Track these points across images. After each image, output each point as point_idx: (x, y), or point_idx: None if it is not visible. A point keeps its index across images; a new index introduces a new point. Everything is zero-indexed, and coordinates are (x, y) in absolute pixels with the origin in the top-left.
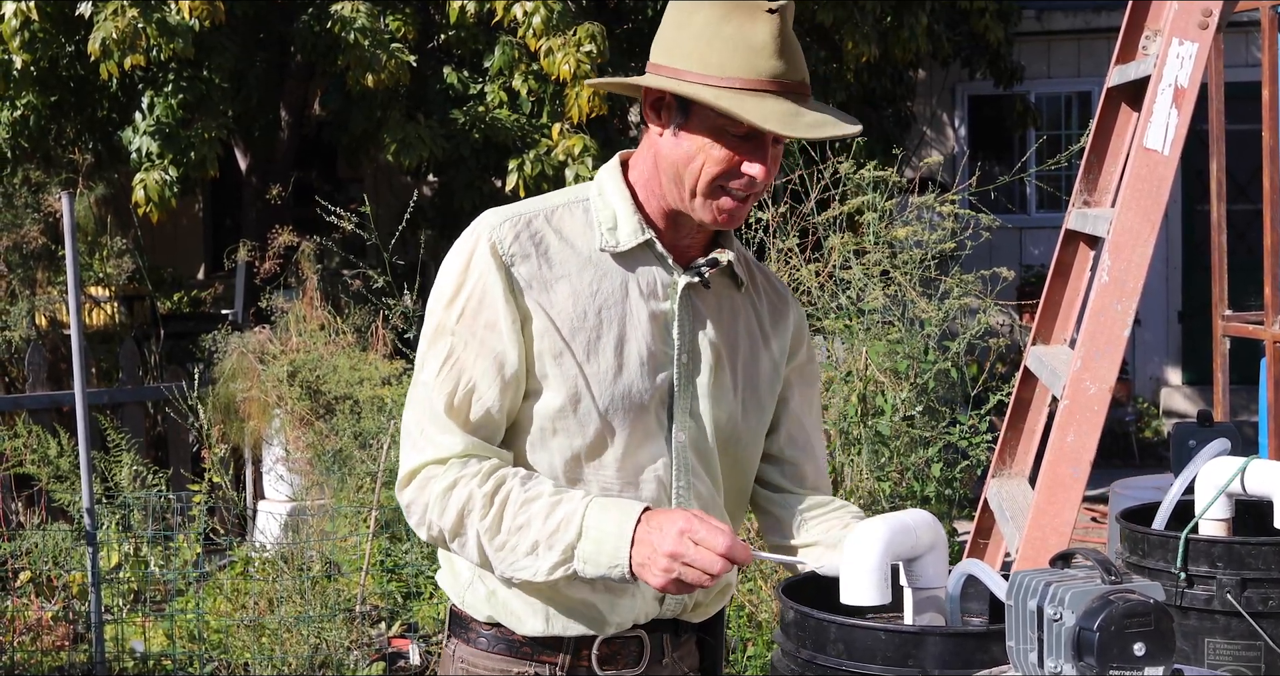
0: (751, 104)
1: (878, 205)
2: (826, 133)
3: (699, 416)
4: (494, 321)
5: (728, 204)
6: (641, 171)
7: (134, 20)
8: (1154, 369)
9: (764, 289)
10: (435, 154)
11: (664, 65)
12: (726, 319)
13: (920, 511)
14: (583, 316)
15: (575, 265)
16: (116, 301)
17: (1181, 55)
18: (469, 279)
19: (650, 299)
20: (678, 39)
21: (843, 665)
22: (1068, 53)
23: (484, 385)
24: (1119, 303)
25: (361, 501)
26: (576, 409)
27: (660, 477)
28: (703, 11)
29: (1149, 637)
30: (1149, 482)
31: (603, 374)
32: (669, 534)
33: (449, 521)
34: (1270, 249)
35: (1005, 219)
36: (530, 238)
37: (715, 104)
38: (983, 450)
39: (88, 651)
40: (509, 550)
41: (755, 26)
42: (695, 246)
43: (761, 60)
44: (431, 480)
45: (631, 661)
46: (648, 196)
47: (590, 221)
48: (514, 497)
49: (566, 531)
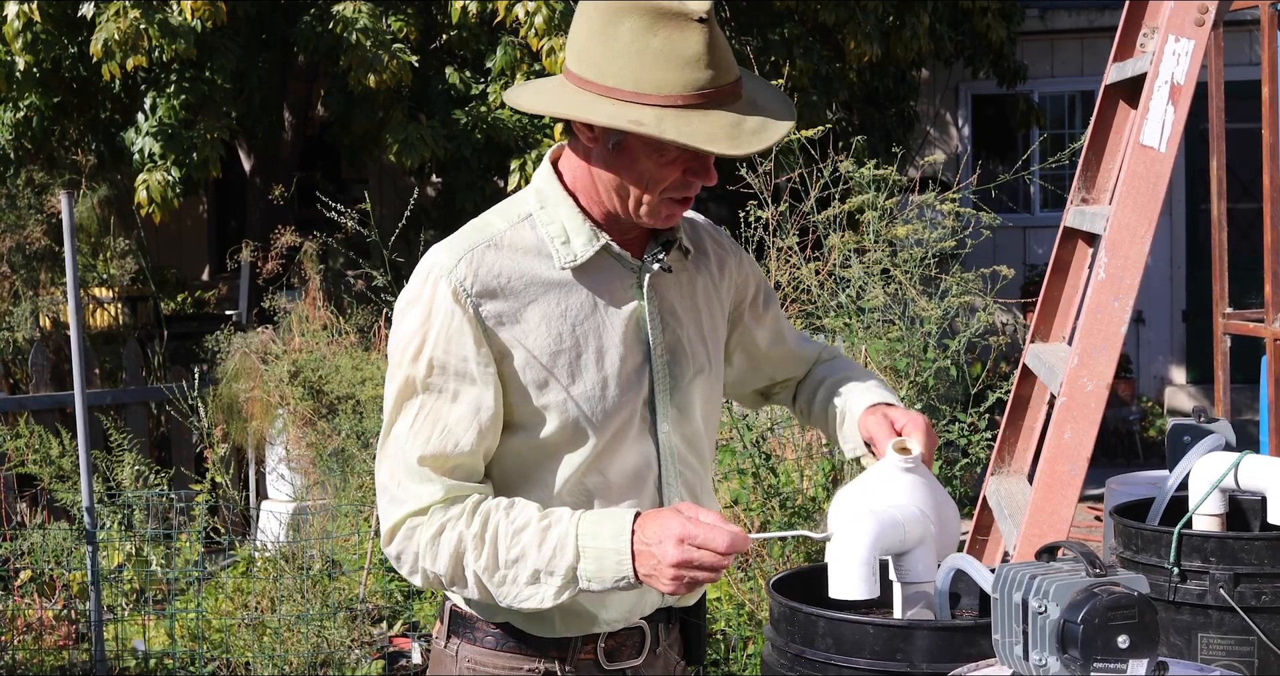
0: (696, 122)
1: (878, 204)
2: (770, 139)
3: (681, 403)
4: (464, 370)
5: (671, 209)
6: (577, 177)
7: (136, 21)
8: (1158, 368)
9: (708, 247)
10: (437, 154)
11: (593, 81)
12: (688, 294)
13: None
14: (559, 339)
15: (539, 288)
16: (120, 302)
17: (1178, 52)
18: (433, 328)
19: (618, 301)
20: (605, 53)
21: (831, 659)
22: (1071, 52)
23: (459, 431)
24: (1116, 299)
25: (363, 500)
26: (573, 432)
27: (653, 473)
28: (627, 23)
29: (1133, 630)
30: (1145, 478)
31: (590, 391)
32: (668, 545)
33: (443, 567)
34: (1270, 246)
35: (1009, 218)
36: (489, 271)
37: (660, 136)
38: (982, 448)
39: (89, 650)
40: (510, 583)
41: (685, 38)
42: (641, 234)
43: (697, 73)
44: (417, 529)
45: (634, 652)
46: (589, 202)
47: (540, 238)
48: (503, 531)
49: (563, 555)
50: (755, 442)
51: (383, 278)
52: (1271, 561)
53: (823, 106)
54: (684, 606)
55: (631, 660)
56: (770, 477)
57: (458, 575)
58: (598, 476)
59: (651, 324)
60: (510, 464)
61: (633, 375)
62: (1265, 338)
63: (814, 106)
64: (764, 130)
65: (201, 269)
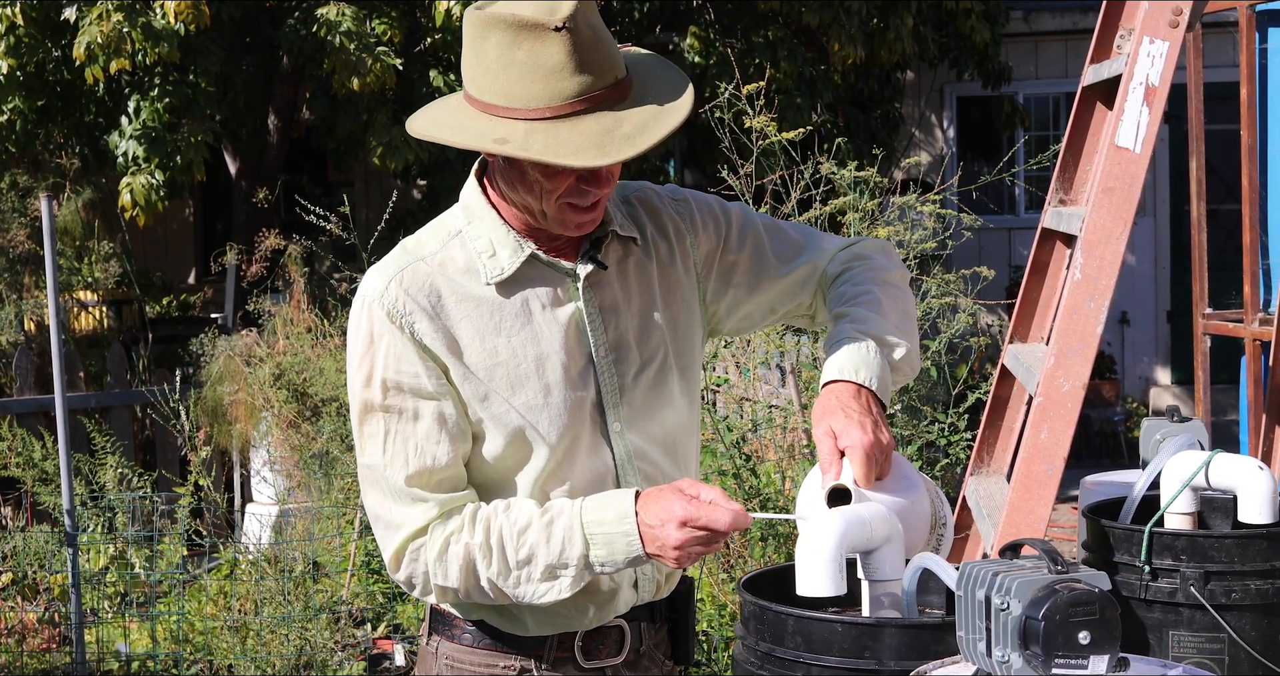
0: (564, 134)
1: (860, 205)
2: (648, 141)
3: (634, 401)
4: (417, 385)
5: (578, 217)
6: (498, 190)
7: (119, 24)
8: (1143, 369)
9: (649, 223)
10: (421, 157)
11: (475, 98)
12: (636, 285)
13: (876, 505)
14: (493, 352)
15: (471, 304)
16: (105, 305)
17: (1152, 54)
18: (377, 352)
19: (554, 307)
20: (478, 70)
21: (800, 657)
22: (1055, 53)
23: (432, 446)
24: (1092, 300)
25: (346, 502)
26: (522, 443)
27: (611, 472)
28: (493, 38)
29: (1094, 626)
30: (1119, 478)
31: (532, 400)
32: (671, 528)
33: (455, 580)
34: (1249, 247)
35: (993, 220)
36: (419, 290)
37: (525, 155)
38: (962, 449)
39: (71, 653)
40: (526, 582)
41: (546, 48)
42: (573, 239)
43: (562, 82)
44: (421, 550)
45: (613, 651)
46: (509, 215)
47: (470, 254)
48: (507, 534)
49: (573, 545)
50: (736, 444)
51: None
52: (1241, 559)
53: (807, 108)
54: (668, 603)
55: (611, 658)
56: (751, 479)
57: (472, 586)
58: (559, 484)
59: (591, 325)
60: (474, 478)
61: (576, 379)
62: (1244, 338)
63: (798, 108)
64: (643, 131)
65: (186, 272)
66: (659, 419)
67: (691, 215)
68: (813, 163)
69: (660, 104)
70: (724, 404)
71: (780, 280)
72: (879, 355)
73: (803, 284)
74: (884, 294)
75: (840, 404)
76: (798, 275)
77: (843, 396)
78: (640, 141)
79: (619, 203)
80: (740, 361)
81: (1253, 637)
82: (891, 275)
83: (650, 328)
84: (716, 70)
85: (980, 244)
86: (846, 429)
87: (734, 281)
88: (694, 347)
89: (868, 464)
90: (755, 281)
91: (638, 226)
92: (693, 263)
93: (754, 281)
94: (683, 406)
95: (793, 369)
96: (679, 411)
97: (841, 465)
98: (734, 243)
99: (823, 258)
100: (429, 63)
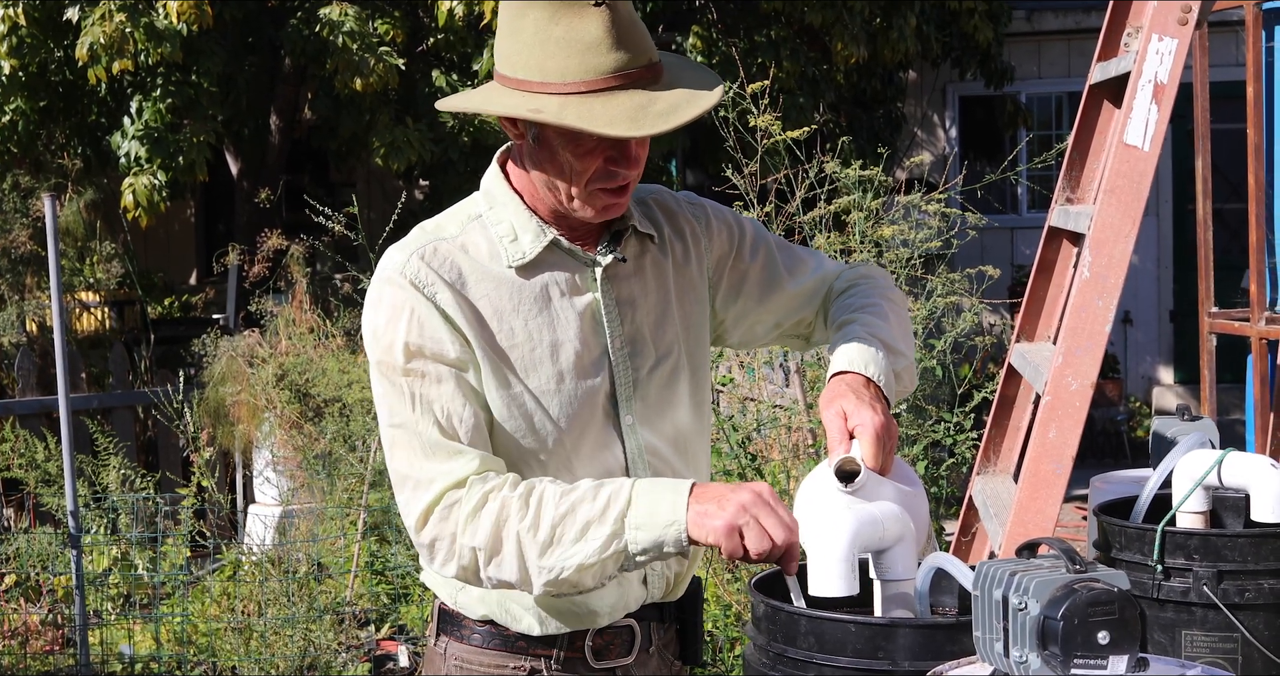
0: (598, 107)
1: (864, 205)
2: (681, 118)
3: (647, 395)
4: (440, 351)
5: (606, 200)
6: (519, 176)
7: (122, 25)
8: (1146, 368)
9: (667, 225)
10: (424, 157)
11: (508, 76)
12: (652, 282)
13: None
14: (510, 334)
15: (490, 285)
16: (107, 306)
17: (1161, 51)
18: (400, 319)
19: (572, 295)
20: (514, 47)
21: (813, 658)
22: (1058, 53)
23: (459, 407)
24: (1100, 298)
25: (349, 503)
26: (532, 426)
27: (620, 466)
28: (530, 16)
29: (1113, 626)
30: (1129, 476)
31: (545, 385)
32: (743, 491)
33: (483, 539)
34: (1255, 246)
35: (996, 219)
36: (441, 265)
37: (560, 122)
38: (968, 448)
39: (75, 655)
40: (555, 543)
41: (585, 24)
42: (595, 229)
43: (599, 57)
44: (455, 506)
45: (624, 651)
46: (533, 200)
47: (490, 238)
48: (551, 493)
49: (616, 503)
50: (741, 443)
51: (369, 280)
52: (1255, 558)
53: (810, 108)
54: (677, 604)
55: (621, 658)
56: (756, 478)
57: (495, 545)
58: (568, 474)
59: (608, 316)
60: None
61: (590, 369)
62: (1250, 337)
63: (801, 108)
64: (675, 110)
65: (188, 273)
66: (670, 416)
67: (707, 219)
68: (817, 162)
69: (693, 89)
70: (728, 403)
71: (789, 293)
72: (886, 358)
73: (809, 298)
74: (889, 309)
75: (851, 389)
76: (806, 289)
77: (853, 384)
78: (674, 118)
79: (635, 203)
80: (745, 361)
81: (1266, 637)
82: (894, 295)
83: (666, 324)
84: (719, 70)
85: (983, 243)
86: (858, 409)
87: (744, 290)
88: (705, 348)
89: (878, 443)
90: (765, 292)
91: (655, 226)
92: (706, 267)
93: (764, 292)
94: (694, 405)
95: (797, 368)
96: (690, 410)
97: (850, 446)
98: (747, 252)
99: (830, 274)
100: (431, 63)
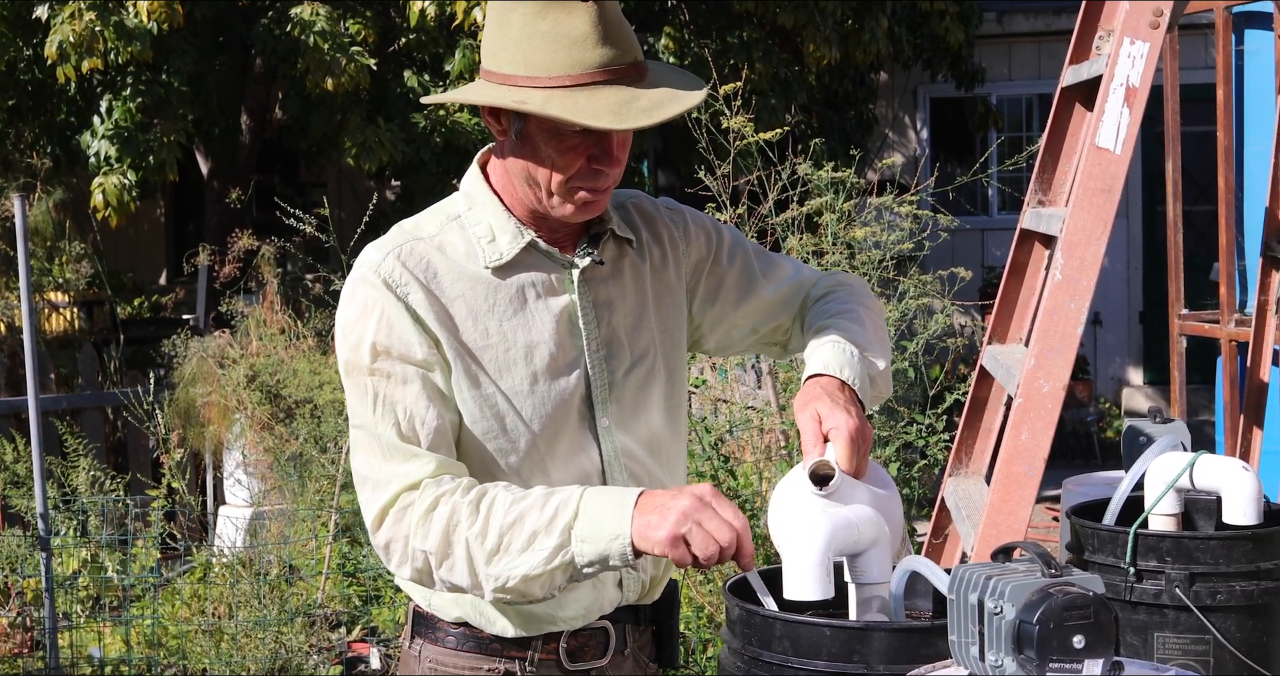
0: (583, 101)
1: (837, 206)
2: (664, 114)
3: (623, 398)
4: (407, 352)
5: (585, 197)
6: (499, 176)
7: (91, 23)
8: (1116, 369)
9: (645, 229)
10: (395, 158)
11: (494, 71)
12: (630, 285)
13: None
14: (485, 334)
15: (467, 285)
16: (76, 306)
17: (1133, 55)
18: (370, 318)
19: (549, 297)
20: (501, 42)
21: (788, 661)
22: (1028, 55)
23: (421, 409)
24: (1072, 301)
25: (321, 505)
26: (505, 427)
27: (596, 469)
28: (518, 11)
29: (1088, 630)
30: (1101, 479)
31: (518, 386)
32: (683, 497)
33: (433, 543)
34: (1225, 249)
35: (967, 220)
36: (417, 264)
37: (544, 112)
38: (940, 450)
39: (44, 658)
40: (502, 551)
41: (572, 19)
42: (573, 231)
43: (585, 52)
44: (409, 508)
45: (598, 653)
46: (512, 201)
47: (468, 238)
48: (501, 500)
49: (563, 514)
50: (714, 445)
51: (340, 281)
52: (1226, 560)
53: (781, 109)
54: (653, 606)
55: (596, 660)
56: (729, 480)
57: (445, 550)
58: (542, 477)
59: (585, 318)
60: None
61: (564, 370)
62: (1221, 339)
63: (773, 109)
64: (659, 107)
65: (158, 273)
66: (646, 419)
67: (685, 224)
68: (790, 164)
69: (675, 89)
70: (700, 405)
71: (766, 299)
72: (861, 362)
73: (785, 304)
74: (865, 315)
75: (826, 392)
76: (782, 295)
77: (828, 387)
78: (658, 113)
79: (614, 207)
80: (717, 362)
81: (1238, 639)
82: (870, 302)
83: (642, 327)
84: (691, 71)
85: (954, 244)
86: (833, 412)
87: (721, 295)
88: (681, 353)
89: (852, 447)
90: (741, 297)
91: (633, 230)
92: (683, 272)
93: (740, 297)
94: (669, 408)
95: (769, 370)
96: (665, 413)
97: (825, 448)
98: (724, 257)
99: (807, 281)
100: (403, 63)
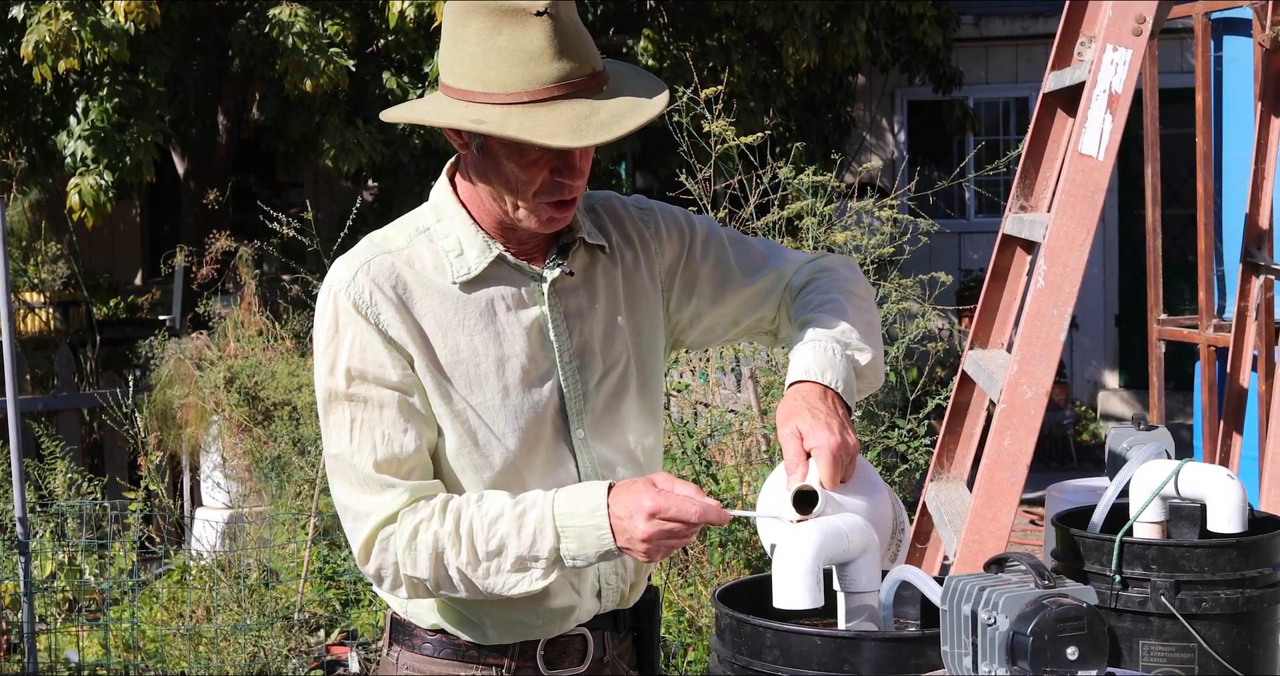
0: (541, 118)
1: (817, 210)
2: (624, 128)
3: (598, 408)
4: (382, 375)
5: (551, 211)
6: (466, 188)
7: (68, 23)
8: (1091, 372)
9: (615, 232)
10: (374, 159)
11: (451, 86)
12: (604, 292)
13: (853, 516)
14: (455, 350)
15: (436, 300)
16: (51, 307)
17: (1116, 61)
18: (342, 342)
19: (519, 310)
20: (457, 58)
21: (779, 671)
22: (1006, 59)
23: (399, 434)
24: (1055, 307)
25: (300, 508)
26: (477, 442)
27: (574, 481)
28: (473, 25)
29: (1082, 641)
30: (1085, 485)
31: (490, 400)
32: (639, 520)
33: (425, 571)
34: (1204, 253)
35: (944, 224)
36: (386, 280)
37: (501, 133)
38: (921, 454)
39: (21, 661)
40: (495, 574)
41: (527, 33)
42: (542, 242)
43: (541, 67)
44: (390, 539)
45: (576, 660)
46: (479, 214)
47: (437, 252)
48: (478, 524)
49: (544, 538)
50: (696, 449)
51: (318, 283)
52: (1211, 568)
53: (760, 112)
54: (633, 611)
55: (574, 667)
56: (711, 484)
57: (441, 576)
58: (519, 489)
59: (556, 330)
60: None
61: (537, 383)
62: (1199, 343)
63: (752, 112)
64: (618, 120)
65: (135, 273)
66: (621, 428)
67: (656, 224)
68: (771, 168)
69: (637, 97)
70: (679, 408)
71: (744, 291)
72: (845, 359)
73: (766, 295)
74: (850, 303)
75: (807, 404)
76: (761, 286)
77: (809, 397)
78: (617, 127)
79: (585, 211)
80: (697, 366)
81: (1222, 647)
82: (857, 286)
83: (615, 334)
84: (670, 74)
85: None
86: (813, 430)
87: (697, 291)
88: (657, 357)
89: (834, 465)
90: (719, 292)
91: (604, 234)
92: (657, 271)
93: (717, 292)
94: (644, 413)
95: (750, 374)
96: (640, 419)
97: (808, 466)
98: (698, 252)
99: (788, 269)
100: (382, 64)
